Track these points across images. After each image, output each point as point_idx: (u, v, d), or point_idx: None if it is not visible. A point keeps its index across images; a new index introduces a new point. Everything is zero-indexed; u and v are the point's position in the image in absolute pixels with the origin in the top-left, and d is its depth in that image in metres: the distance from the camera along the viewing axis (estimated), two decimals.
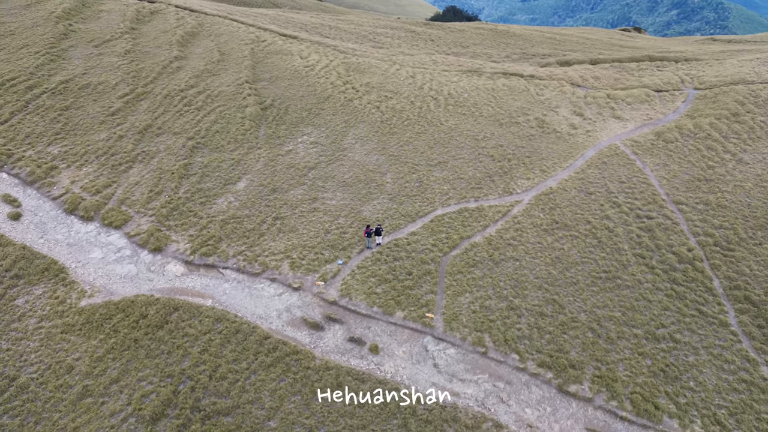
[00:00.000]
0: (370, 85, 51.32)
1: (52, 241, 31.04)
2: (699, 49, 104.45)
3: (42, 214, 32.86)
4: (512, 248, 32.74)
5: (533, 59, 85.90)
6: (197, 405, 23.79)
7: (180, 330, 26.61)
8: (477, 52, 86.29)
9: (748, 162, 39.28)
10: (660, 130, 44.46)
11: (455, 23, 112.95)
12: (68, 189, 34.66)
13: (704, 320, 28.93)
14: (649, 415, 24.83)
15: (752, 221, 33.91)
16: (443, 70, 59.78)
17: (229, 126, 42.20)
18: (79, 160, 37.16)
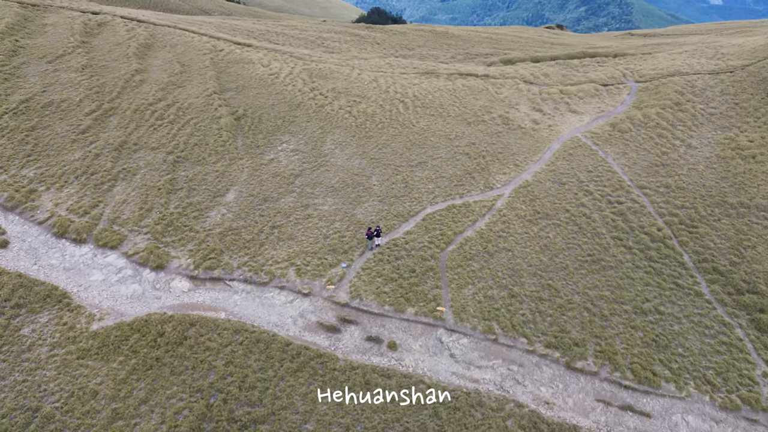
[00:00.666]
0: (337, 91, 52.11)
1: (47, 267, 29.93)
2: (623, 44, 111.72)
3: (30, 240, 31.53)
4: (503, 240, 34.71)
5: (477, 59, 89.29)
6: (232, 416, 24.02)
7: (200, 345, 26.60)
8: (424, 53, 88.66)
9: (696, 146, 43.31)
10: (614, 122, 48.03)
11: (395, 26, 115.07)
12: (53, 212, 33.38)
13: (681, 292, 31.96)
14: (649, 381, 27.35)
15: (709, 200, 37.60)
16: (401, 73, 61.38)
17: (206, 138, 41.81)
18: (58, 182, 35.78)
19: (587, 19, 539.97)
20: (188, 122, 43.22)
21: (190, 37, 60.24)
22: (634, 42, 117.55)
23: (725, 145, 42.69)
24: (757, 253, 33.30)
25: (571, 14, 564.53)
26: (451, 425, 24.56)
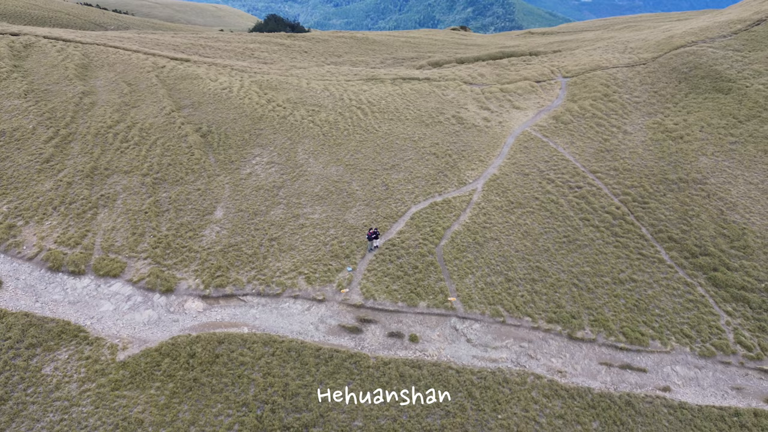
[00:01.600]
0: (293, 101, 52.71)
1: (51, 303, 28.51)
2: (531, 42, 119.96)
3: (24, 277, 29.74)
4: (488, 230, 37.42)
5: (405, 62, 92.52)
6: (283, 424, 24.62)
7: (234, 360, 26.81)
8: (353, 60, 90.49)
9: (631, 132, 48.61)
10: (555, 114, 52.59)
11: (315, 33, 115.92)
12: (41, 246, 31.60)
13: (647, 261, 36.24)
14: (639, 341, 31.04)
15: (652, 178, 42.59)
16: (346, 80, 62.88)
17: (178, 157, 41.06)
18: (36, 214, 33.79)
19: (475, 19, 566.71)
20: (155, 143, 42.14)
21: (126, 54, 58.06)
22: (538, 40, 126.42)
23: (655, 129, 48.29)
24: (702, 220, 38.38)
25: (459, 15, 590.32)
26: (486, 403, 26.68)
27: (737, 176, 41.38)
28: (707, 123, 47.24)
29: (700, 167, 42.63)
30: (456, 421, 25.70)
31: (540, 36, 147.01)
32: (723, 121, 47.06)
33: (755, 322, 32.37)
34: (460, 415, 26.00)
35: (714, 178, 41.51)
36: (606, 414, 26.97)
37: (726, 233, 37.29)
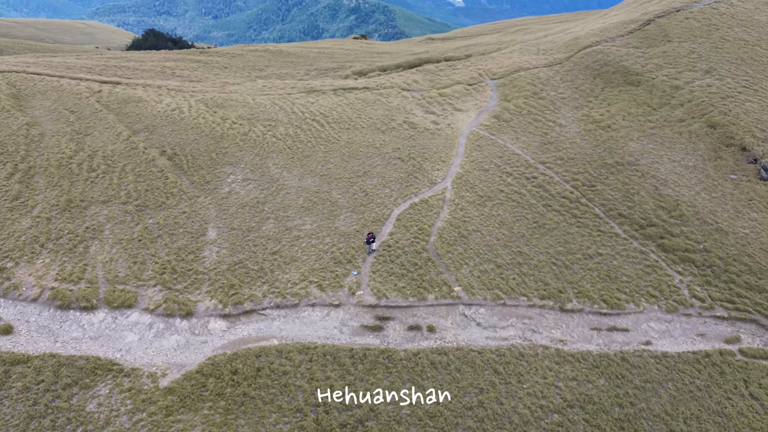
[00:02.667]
0: (245, 118, 52.88)
1: (71, 341, 27.30)
2: (439, 48, 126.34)
3: (35, 319, 28.08)
4: (468, 223, 40.55)
5: (329, 73, 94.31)
6: (339, 422, 25.89)
7: (276, 371, 27.54)
8: (278, 73, 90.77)
9: (565, 125, 54.21)
10: (495, 114, 57.19)
11: (229, 48, 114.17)
12: (42, 286, 29.88)
13: (606, 236, 41.18)
14: (617, 306, 35.52)
15: (594, 164, 48.05)
16: (288, 94, 63.72)
17: (153, 182, 40.13)
18: (24, 254, 31.74)
19: (358, 27, 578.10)
20: (124, 170, 40.83)
21: (54, 81, 54.91)
22: (443, 46, 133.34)
23: (585, 120, 54.25)
24: (642, 197, 44.13)
25: (342, 23, 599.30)
26: (511, 376, 29.57)
27: (662, 156, 47.89)
28: (627, 112, 53.92)
29: (630, 151, 48.76)
30: (491, 396, 28.33)
31: (441, 42, 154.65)
32: (640, 109, 53.96)
33: (702, 278, 38.10)
34: (492, 390, 28.66)
35: (644, 159, 47.71)
36: (608, 371, 30.88)
37: (663, 206, 43.23)
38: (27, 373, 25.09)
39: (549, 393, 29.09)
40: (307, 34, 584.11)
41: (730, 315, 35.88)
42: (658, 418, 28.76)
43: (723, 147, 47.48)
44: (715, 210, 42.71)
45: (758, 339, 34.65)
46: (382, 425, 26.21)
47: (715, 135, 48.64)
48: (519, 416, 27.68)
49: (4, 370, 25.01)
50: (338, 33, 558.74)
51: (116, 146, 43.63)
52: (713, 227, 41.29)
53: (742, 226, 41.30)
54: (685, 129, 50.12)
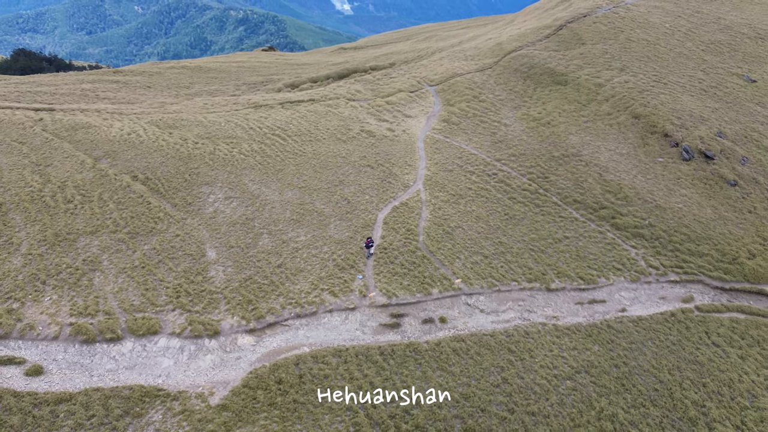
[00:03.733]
0: (205, 137, 52.47)
1: (108, 373, 26.54)
2: (355, 57, 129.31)
3: (62, 357, 26.84)
4: (449, 220, 43.47)
5: (260, 86, 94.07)
6: (389, 413, 27.58)
7: (318, 376, 28.66)
8: (208, 90, 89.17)
9: (509, 124, 58.94)
10: (443, 118, 60.85)
11: (144, 66, 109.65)
12: (59, 323, 28.50)
13: (567, 221, 45.82)
14: (592, 281, 39.94)
15: (543, 158, 52.88)
16: (235, 110, 63.56)
17: (136, 209, 39.13)
18: (28, 293, 29.99)
19: (248, 38, 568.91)
20: (101, 198, 39.43)
21: None
22: (360, 55, 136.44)
23: (526, 119, 59.33)
24: (590, 183, 49.43)
25: (231, 35, 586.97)
26: (523, 353, 32.71)
27: (599, 146, 53.76)
28: (562, 109, 59.69)
29: (572, 144, 54.22)
30: (511, 372, 31.26)
31: (354, 51, 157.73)
32: (571, 106, 59.93)
33: (652, 249, 43.63)
34: (511, 367, 31.61)
35: (585, 150, 53.30)
36: (599, 338, 34.95)
37: (609, 190, 48.74)
38: (74, 410, 24.36)
39: (558, 363, 32.53)
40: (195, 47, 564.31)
41: (681, 278, 41.51)
42: (648, 373, 33.11)
43: (648, 135, 54.22)
44: (651, 190, 48.84)
45: (706, 296, 40.45)
46: (426, 411, 28.21)
47: (640, 125, 55.37)
48: (539, 386, 30.82)
49: (50, 411, 24.12)
50: (228, 45, 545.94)
51: (84, 175, 41.92)
52: (653, 205, 47.25)
53: (676, 202, 47.62)
54: (613, 121, 56.52)
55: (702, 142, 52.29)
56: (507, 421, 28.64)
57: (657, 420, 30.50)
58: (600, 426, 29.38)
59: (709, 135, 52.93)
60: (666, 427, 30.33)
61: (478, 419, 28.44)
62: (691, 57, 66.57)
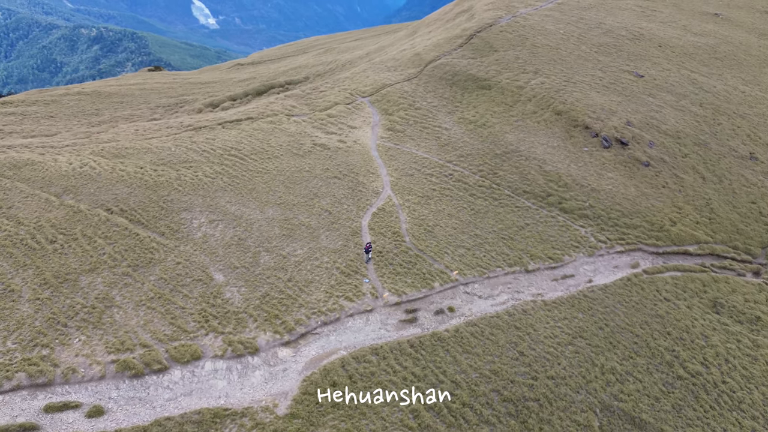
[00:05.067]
0: (160, 163, 51.31)
1: (169, 403, 26.22)
2: (260, 72, 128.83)
3: (116, 394, 25.89)
4: (427, 220, 46.81)
5: (176, 108, 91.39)
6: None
7: (365, 375, 30.53)
8: (123, 115, 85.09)
9: (449, 128, 63.68)
10: (387, 127, 64.22)
11: (30, 94, 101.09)
12: (100, 362, 27.30)
13: (523, 210, 51.09)
14: (559, 259, 45.26)
15: (489, 156, 58.08)
16: (174, 134, 62.23)
17: (126, 241, 37.89)
18: (54, 338, 28.21)
19: (106, 57, 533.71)
20: (85, 234, 37.66)
21: None
22: (261, 69, 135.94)
23: (463, 122, 64.45)
24: (533, 175, 55.33)
25: (85, 54, 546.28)
26: (527, 328, 36.83)
27: (533, 142, 60.09)
28: (492, 111, 65.60)
29: (510, 141, 60.05)
30: (524, 346, 35.19)
31: (252, 66, 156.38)
32: (500, 108, 66.07)
33: (597, 227, 50.13)
34: (521, 342, 35.55)
35: (522, 146, 59.32)
36: (581, 307, 40.11)
37: (551, 179, 54.93)
38: None
39: (557, 333, 37.06)
40: (43, 69, 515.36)
41: (625, 249, 48.22)
42: (625, 330, 38.71)
43: (572, 128, 61.55)
44: (584, 176, 55.77)
45: (648, 261, 47.44)
46: (464, 390, 31.19)
47: (563, 120, 62.63)
48: (549, 354, 35.06)
49: None
50: (82, 66, 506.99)
51: (55, 213, 39.70)
52: (588, 188, 54.07)
53: (606, 184, 54.85)
54: (540, 119, 63.33)
55: (616, 131, 60.50)
56: (534, 387, 32.47)
57: (644, 367, 36.01)
58: (606, 379, 34.21)
59: (621, 124, 61.35)
60: (652, 371, 35.92)
61: (511, 389, 31.98)
62: (588, 58, 75.95)
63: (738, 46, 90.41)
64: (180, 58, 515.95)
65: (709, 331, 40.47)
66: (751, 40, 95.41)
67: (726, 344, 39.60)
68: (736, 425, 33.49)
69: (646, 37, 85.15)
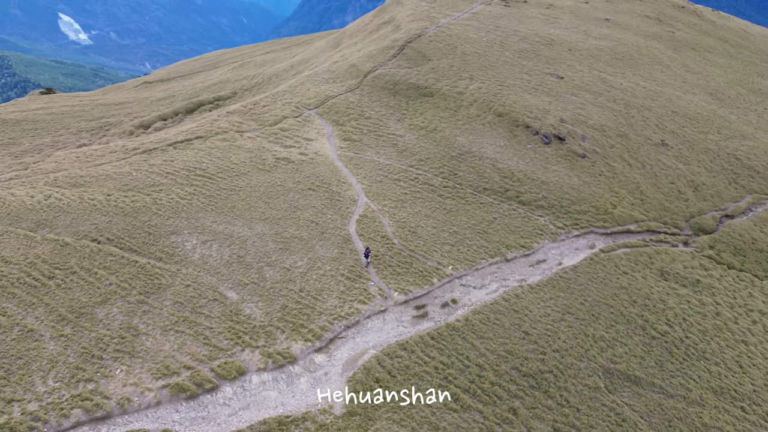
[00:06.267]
0: (126, 189, 49.70)
1: (232, 417, 26.49)
2: (175, 89, 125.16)
3: (179, 417, 25.61)
4: (409, 222, 49.45)
5: (103, 132, 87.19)
6: (473, 379, 32.96)
7: (399, 367, 32.58)
8: (46, 143, 79.93)
9: (403, 135, 66.82)
10: (343, 137, 66.17)
11: None
12: (151, 388, 26.73)
13: (487, 205, 55.29)
14: (530, 247, 49.73)
15: (445, 158, 61.81)
16: (123, 159, 60.21)
17: (128, 269, 36.82)
18: (94, 372, 27.10)
19: None
20: (84, 268, 36.10)
21: None
22: (174, 87, 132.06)
23: (414, 128, 67.92)
24: (489, 173, 59.86)
25: None
26: (524, 311, 40.59)
27: (483, 143, 64.79)
28: (440, 117, 69.67)
29: (462, 144, 64.32)
30: (525, 326, 38.86)
31: (162, 83, 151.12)
32: (446, 113, 70.32)
33: (553, 215, 55.44)
34: (522, 322, 39.21)
35: (474, 147, 63.79)
36: (560, 287, 44.64)
37: (505, 176, 59.76)
38: None
39: (549, 311, 41.16)
40: None
41: (581, 232, 53.84)
42: (601, 303, 43.67)
43: (515, 128, 67.03)
44: (533, 170, 61.18)
45: (601, 241, 53.29)
46: (489, 371, 34.18)
47: (505, 121, 68.00)
48: (548, 331, 39.00)
49: None
50: None
51: (41, 248, 37.72)
52: (539, 181, 59.48)
53: (552, 176, 60.58)
54: (484, 121, 68.27)
55: (553, 128, 66.75)
56: (545, 360, 36.15)
57: (625, 333, 41.02)
58: (599, 346, 38.70)
59: (556, 122, 67.75)
60: (632, 335, 41.01)
61: (527, 365, 35.42)
62: (513, 63, 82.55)
63: (631, 47, 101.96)
64: (51, 78, 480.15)
65: (664, 296, 46.52)
66: (640, 41, 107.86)
67: (680, 306, 45.80)
68: (705, 371, 39.21)
69: (557, 42, 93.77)
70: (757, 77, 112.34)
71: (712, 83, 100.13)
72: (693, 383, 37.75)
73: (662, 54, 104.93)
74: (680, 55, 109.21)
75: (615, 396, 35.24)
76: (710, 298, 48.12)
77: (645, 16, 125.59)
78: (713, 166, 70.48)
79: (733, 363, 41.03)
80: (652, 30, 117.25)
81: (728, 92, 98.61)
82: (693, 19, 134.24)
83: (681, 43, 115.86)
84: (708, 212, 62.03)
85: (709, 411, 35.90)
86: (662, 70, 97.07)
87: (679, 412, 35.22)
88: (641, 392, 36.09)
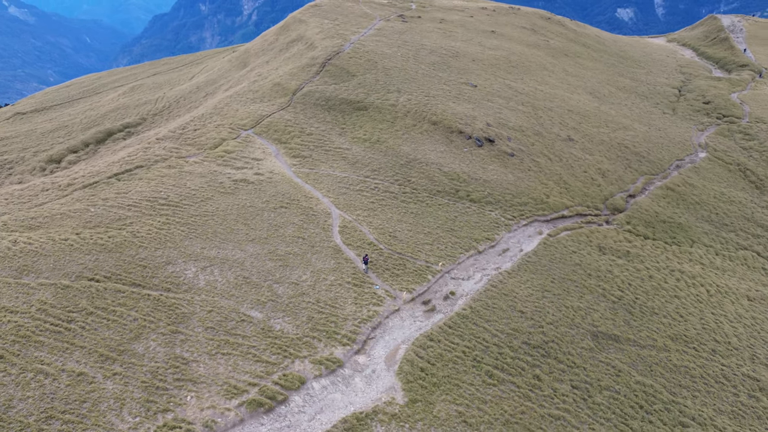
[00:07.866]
0: (93, 227, 47.69)
1: (313, 422, 28.12)
2: (62, 119, 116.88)
3: (265, 429, 26.59)
4: (387, 228, 52.61)
5: (6, 170, 79.83)
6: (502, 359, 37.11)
7: (435, 354, 35.90)
8: None
9: (349, 148, 69.70)
10: (292, 154, 67.60)
11: None
12: (230, 408, 27.06)
13: (445, 206, 60.15)
14: (493, 239, 55.25)
15: (395, 167, 65.77)
16: (65, 196, 57.05)
17: (145, 303, 35.94)
18: (167, 402, 26.66)
19: None
20: (99, 308, 34.76)
21: None
22: (60, 118, 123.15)
23: (359, 141, 71.19)
24: (437, 176, 64.86)
25: None
26: (513, 293, 45.67)
27: (425, 149, 69.74)
28: (379, 128, 73.57)
29: (407, 152, 68.75)
30: (518, 306, 43.91)
31: (42, 113, 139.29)
32: (384, 125, 74.39)
33: (501, 210, 61.70)
34: (518, 303, 44.24)
35: (418, 154, 68.51)
36: (532, 269, 50.50)
37: (452, 178, 65.16)
38: None
39: (531, 291, 46.65)
40: None
41: (528, 222, 60.58)
42: (566, 279, 50.14)
43: (450, 134, 72.85)
44: (474, 171, 67.26)
45: (545, 227, 60.41)
46: (506, 348, 38.59)
47: (440, 128, 73.62)
48: (537, 308, 44.38)
49: None
50: None
51: (42, 295, 35.46)
52: (481, 180, 65.65)
53: (491, 175, 67.09)
54: (422, 129, 73.36)
55: (482, 131, 73.56)
56: (545, 333, 41.36)
57: (593, 301, 47.65)
58: (579, 315, 44.80)
59: (483, 126, 74.69)
60: (599, 303, 47.74)
61: (534, 339, 40.37)
62: (431, 75, 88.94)
63: (520, 56, 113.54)
64: None
65: (609, 267, 54.23)
66: (525, 50, 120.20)
67: (623, 274, 53.71)
68: (660, 324, 46.86)
69: (461, 54, 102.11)
70: (619, 76, 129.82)
71: (588, 84, 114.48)
72: (656, 334, 45.08)
73: (545, 60, 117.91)
74: (558, 60, 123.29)
75: (605, 353, 41.30)
76: (641, 265, 56.74)
77: (522, 27, 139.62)
78: (611, 155, 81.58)
79: (675, 314, 49.25)
80: (531, 39, 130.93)
81: (602, 90, 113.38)
82: (559, 29, 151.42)
83: (556, 50, 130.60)
84: (617, 194, 72.04)
85: (673, 354, 43.27)
86: (549, 74, 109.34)
87: (653, 358, 42.12)
88: (622, 347, 42.57)
